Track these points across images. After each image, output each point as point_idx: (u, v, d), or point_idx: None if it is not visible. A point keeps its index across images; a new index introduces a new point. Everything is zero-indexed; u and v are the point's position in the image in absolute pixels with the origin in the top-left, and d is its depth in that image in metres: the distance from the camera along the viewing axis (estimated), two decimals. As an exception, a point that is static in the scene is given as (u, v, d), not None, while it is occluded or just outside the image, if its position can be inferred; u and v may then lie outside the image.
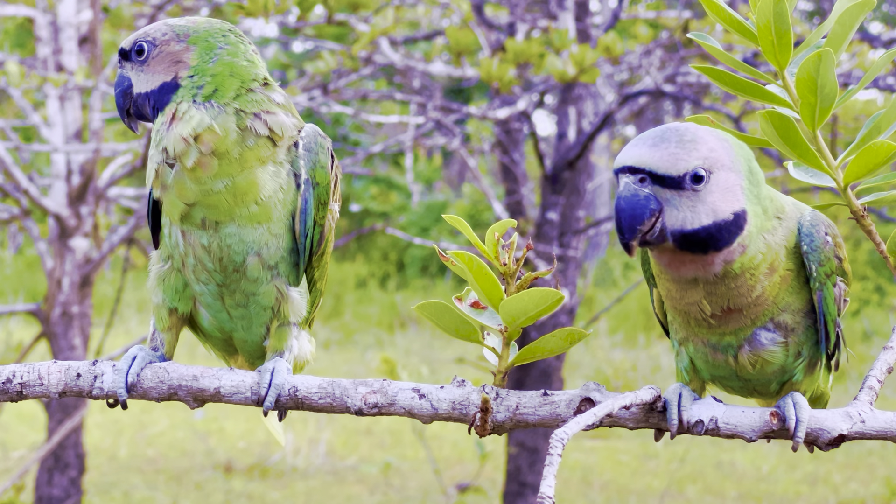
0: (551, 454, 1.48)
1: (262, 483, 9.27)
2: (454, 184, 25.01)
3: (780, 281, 1.64)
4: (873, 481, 9.50)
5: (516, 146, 8.14)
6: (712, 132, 1.60)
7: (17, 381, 1.79)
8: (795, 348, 1.70)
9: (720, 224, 1.57)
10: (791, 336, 1.69)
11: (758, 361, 1.71)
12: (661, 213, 1.57)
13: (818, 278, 1.65)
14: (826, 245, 1.65)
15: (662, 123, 8.63)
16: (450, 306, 1.75)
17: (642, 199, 1.56)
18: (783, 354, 1.70)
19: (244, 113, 1.81)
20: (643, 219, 1.57)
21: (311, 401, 1.79)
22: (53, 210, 6.27)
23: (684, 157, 1.56)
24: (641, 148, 1.57)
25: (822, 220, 1.68)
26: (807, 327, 1.69)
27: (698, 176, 1.56)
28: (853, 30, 1.61)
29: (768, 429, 1.68)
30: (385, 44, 6.51)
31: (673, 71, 6.77)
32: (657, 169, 1.56)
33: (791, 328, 1.68)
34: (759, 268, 1.62)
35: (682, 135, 1.57)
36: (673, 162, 1.56)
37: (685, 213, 1.57)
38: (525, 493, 7.05)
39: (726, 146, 1.59)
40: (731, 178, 1.58)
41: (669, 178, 1.55)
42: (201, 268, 1.85)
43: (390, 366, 5.51)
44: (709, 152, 1.57)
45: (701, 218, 1.57)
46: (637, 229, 1.57)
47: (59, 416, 6.47)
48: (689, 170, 1.56)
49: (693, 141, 1.57)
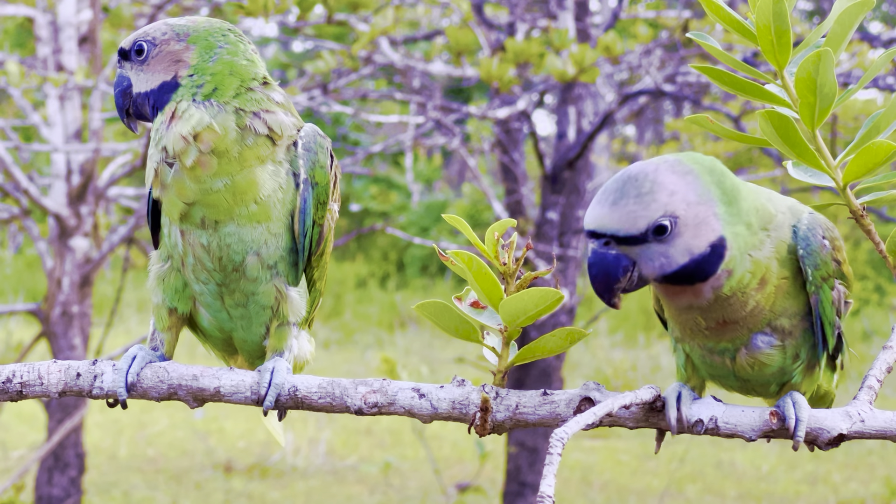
0: (551, 454, 1.48)
1: (262, 483, 9.27)
2: (454, 183, 25.01)
3: (774, 290, 1.64)
4: (873, 481, 9.50)
5: (516, 146, 8.13)
6: (674, 168, 1.57)
7: (17, 380, 1.79)
8: (793, 351, 1.70)
9: (698, 260, 1.57)
10: (788, 339, 1.69)
11: (755, 364, 1.71)
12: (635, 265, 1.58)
13: (814, 282, 1.64)
14: (823, 249, 1.64)
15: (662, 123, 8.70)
16: (449, 306, 1.75)
17: (611, 261, 1.57)
18: (780, 357, 1.70)
19: (244, 112, 1.81)
20: (617, 279, 1.58)
21: (310, 400, 1.79)
22: (53, 210, 6.27)
23: (643, 213, 1.54)
24: (602, 209, 1.56)
25: (820, 223, 1.66)
26: (804, 330, 1.69)
27: (661, 227, 1.55)
28: (852, 29, 1.61)
29: (768, 428, 1.68)
30: (385, 43, 6.51)
31: (673, 71, 6.77)
32: (618, 231, 1.55)
33: (788, 331, 1.68)
34: (749, 286, 1.62)
35: (639, 186, 1.55)
36: (632, 221, 1.54)
37: (659, 260, 1.57)
38: (525, 493, 7.05)
39: (690, 179, 1.56)
40: (700, 211, 1.56)
41: (632, 237, 1.55)
42: (201, 267, 1.85)
43: (390, 365, 5.50)
44: (669, 197, 1.55)
45: (677, 260, 1.57)
46: (613, 289, 1.58)
47: (59, 415, 6.47)
48: (649, 224, 1.54)
49: (651, 192, 1.55)
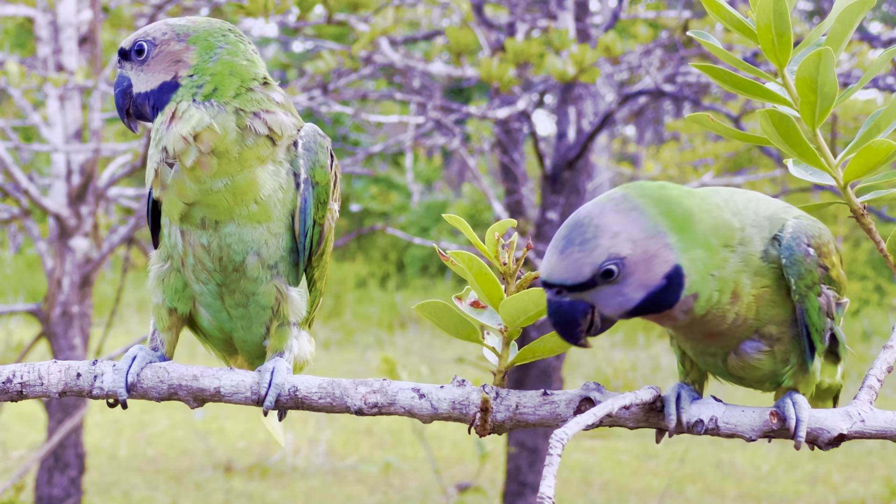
0: (551, 454, 1.48)
1: (262, 483, 9.27)
2: (454, 184, 25.02)
3: (754, 300, 1.63)
4: (873, 481, 9.51)
5: (516, 146, 8.14)
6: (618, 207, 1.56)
7: (17, 380, 1.79)
8: (782, 356, 1.69)
9: (655, 293, 1.57)
10: (777, 345, 1.68)
11: (745, 367, 1.70)
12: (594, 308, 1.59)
13: (798, 291, 1.63)
14: (806, 257, 1.62)
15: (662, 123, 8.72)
16: (450, 306, 1.75)
17: (567, 308, 1.58)
18: (770, 361, 1.69)
19: (244, 112, 1.81)
20: (578, 324, 1.59)
21: (311, 400, 1.78)
22: (53, 210, 6.27)
23: (587, 261, 1.55)
24: (552, 258, 1.57)
25: (805, 230, 1.64)
26: (793, 336, 1.68)
27: (608, 271, 1.55)
28: (853, 28, 1.61)
29: (768, 428, 1.68)
30: (385, 44, 6.51)
31: (673, 71, 6.77)
32: (566, 280, 1.56)
33: (776, 338, 1.67)
34: (720, 303, 1.61)
35: (583, 232, 1.55)
36: (578, 269, 1.55)
37: (616, 299, 1.57)
38: (525, 493, 7.05)
39: (635, 216, 1.56)
40: (650, 245, 1.56)
41: (580, 284, 1.56)
42: (201, 267, 1.85)
43: (390, 365, 5.50)
44: (612, 240, 1.55)
45: (633, 297, 1.57)
46: (576, 333, 1.60)
47: (59, 415, 6.47)
48: (594, 270, 1.55)
49: (594, 237, 1.55)
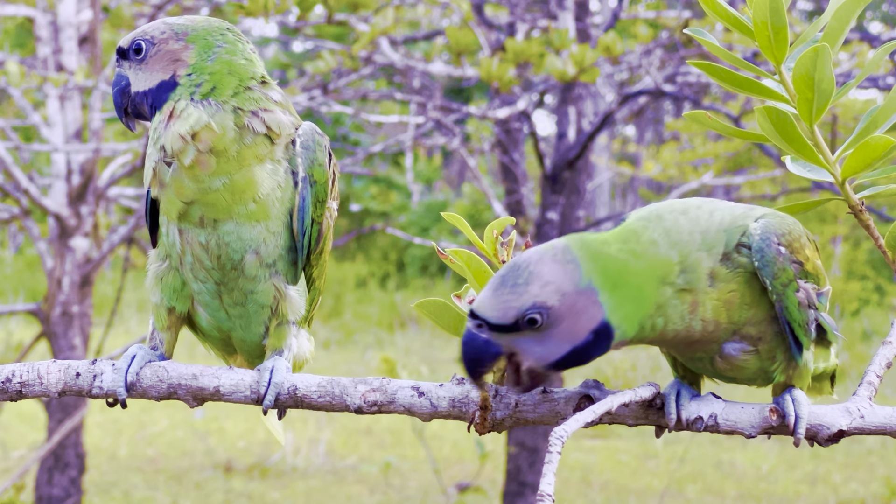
0: (551, 451, 1.48)
1: (262, 483, 9.27)
2: (454, 184, 25.03)
3: (722, 305, 1.61)
4: (873, 481, 9.51)
5: (516, 146, 8.14)
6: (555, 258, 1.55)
7: (16, 380, 1.79)
8: (768, 354, 1.69)
9: (580, 348, 1.56)
10: (760, 344, 1.67)
11: (733, 368, 1.70)
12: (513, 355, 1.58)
13: (775, 290, 1.62)
14: (778, 257, 1.61)
15: (662, 123, 8.73)
16: (449, 304, 1.75)
17: (480, 344, 1.57)
18: (756, 361, 1.69)
19: (242, 111, 1.81)
20: (484, 362, 1.58)
21: (310, 399, 1.78)
22: (53, 210, 6.27)
23: (513, 304, 1.54)
24: (485, 293, 1.56)
25: (773, 230, 1.63)
26: (776, 333, 1.67)
27: (532, 319, 1.54)
28: (849, 25, 1.61)
29: (767, 425, 1.68)
30: (385, 44, 6.51)
31: (673, 71, 6.77)
32: (490, 318, 1.55)
33: (758, 337, 1.67)
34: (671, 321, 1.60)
35: (517, 276, 1.54)
36: (503, 310, 1.54)
37: (537, 349, 1.56)
38: (525, 493, 7.05)
39: (570, 269, 1.54)
40: (580, 300, 1.54)
41: (503, 325, 1.55)
42: (199, 266, 1.85)
43: (390, 365, 5.51)
44: (541, 288, 1.53)
45: (556, 350, 1.56)
46: (478, 370, 1.59)
47: (59, 415, 6.47)
48: (518, 315, 1.54)
49: (525, 282, 1.54)
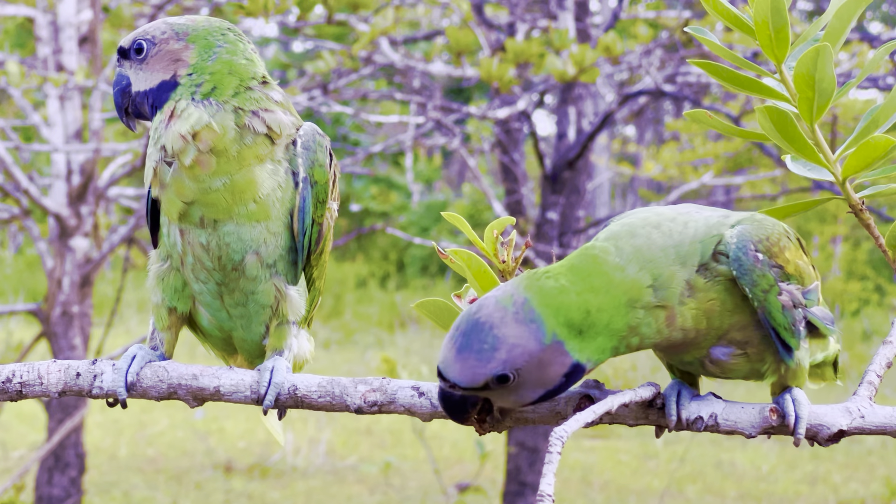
0: (551, 452, 1.47)
1: (262, 483, 9.27)
2: (454, 184, 25.03)
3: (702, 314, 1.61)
4: (873, 481, 9.51)
5: (516, 146, 8.14)
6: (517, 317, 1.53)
7: (16, 380, 1.79)
8: (757, 356, 1.68)
9: (553, 390, 1.57)
10: (748, 347, 1.66)
11: (723, 371, 1.70)
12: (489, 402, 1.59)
13: (756, 297, 1.61)
14: (756, 264, 1.60)
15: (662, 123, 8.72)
16: (449, 304, 1.74)
17: (457, 401, 1.58)
18: (746, 363, 1.68)
19: (242, 111, 1.81)
20: (465, 414, 1.60)
21: (310, 399, 1.78)
22: (53, 210, 6.27)
23: (481, 371, 1.53)
24: (448, 354, 1.55)
25: (750, 237, 1.61)
26: (763, 337, 1.66)
27: (503, 377, 1.53)
28: (850, 24, 1.61)
29: (767, 425, 1.68)
30: (385, 44, 6.51)
31: (673, 71, 6.77)
32: (459, 382, 1.55)
33: (745, 341, 1.66)
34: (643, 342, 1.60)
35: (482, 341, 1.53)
36: (472, 376, 1.53)
37: (511, 397, 1.57)
38: (525, 493, 7.05)
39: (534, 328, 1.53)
40: (546, 355, 1.54)
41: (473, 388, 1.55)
42: (200, 266, 1.85)
43: (390, 365, 5.51)
44: (508, 353, 1.52)
45: (529, 396, 1.57)
46: (465, 419, 1.61)
47: (60, 415, 6.47)
48: (487, 378, 1.53)
49: (492, 348, 1.52)
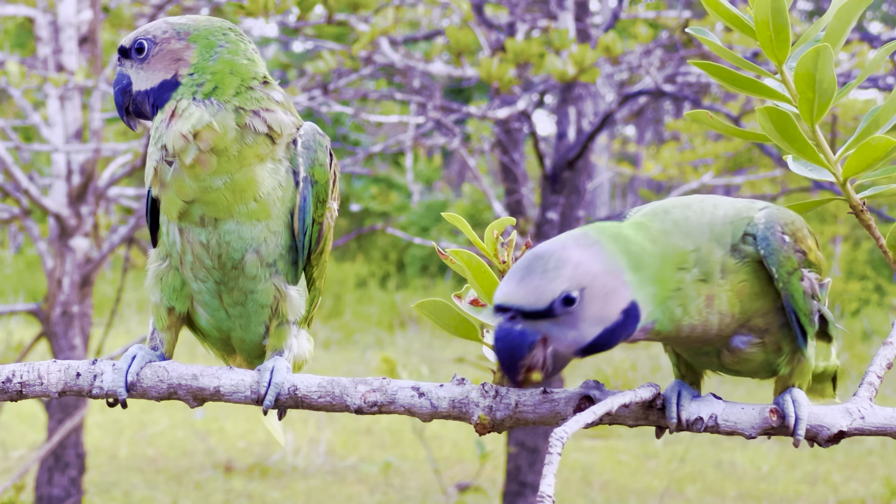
0: (551, 453, 1.48)
1: (262, 483, 9.27)
2: (454, 184, 25.03)
3: (735, 296, 1.63)
4: (873, 481, 9.51)
5: (516, 146, 8.14)
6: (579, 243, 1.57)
7: (16, 380, 1.79)
8: (774, 346, 1.70)
9: (612, 329, 1.57)
10: (766, 336, 1.69)
11: (739, 361, 1.71)
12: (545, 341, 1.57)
13: (781, 279, 1.64)
14: (783, 245, 1.63)
15: (662, 123, 8.73)
16: (449, 304, 1.74)
17: (516, 336, 1.56)
18: (762, 353, 1.70)
19: (243, 110, 1.81)
20: (522, 355, 1.56)
21: (310, 399, 1.78)
22: (53, 210, 6.27)
23: (548, 287, 1.54)
24: (509, 285, 1.56)
25: (777, 219, 1.65)
26: (781, 325, 1.69)
27: (568, 299, 1.54)
28: (851, 25, 1.61)
29: (768, 426, 1.68)
30: (385, 44, 6.51)
31: (673, 71, 6.77)
32: (524, 306, 1.55)
33: (765, 329, 1.68)
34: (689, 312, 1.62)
35: (545, 263, 1.55)
36: (538, 295, 1.54)
37: (571, 334, 1.57)
38: (525, 493, 7.05)
39: (596, 250, 1.57)
40: (608, 281, 1.56)
41: (537, 311, 1.55)
42: (199, 265, 1.85)
43: (390, 365, 5.51)
44: (574, 270, 1.55)
45: (589, 332, 1.57)
46: (518, 366, 1.57)
47: (60, 415, 6.47)
48: (555, 298, 1.54)
49: (556, 267, 1.55)
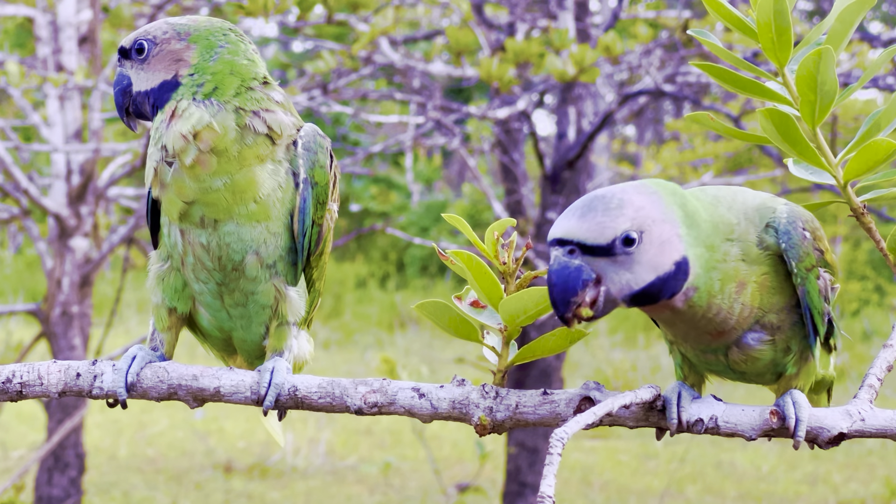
0: (551, 453, 1.47)
1: (262, 483, 9.27)
2: (454, 184, 25.02)
3: (758, 287, 1.65)
4: (873, 481, 9.50)
5: (516, 146, 8.13)
6: (639, 189, 1.59)
7: (16, 380, 1.79)
8: (783, 344, 1.71)
9: (664, 278, 1.58)
10: (778, 334, 1.70)
11: (747, 359, 1.72)
12: (599, 282, 1.57)
13: (799, 274, 1.65)
14: (804, 240, 1.65)
15: (662, 123, 8.73)
16: (449, 305, 1.74)
17: (573, 271, 1.56)
18: (772, 351, 1.71)
19: (243, 111, 1.81)
20: (576, 290, 1.56)
21: (310, 400, 1.78)
22: (53, 210, 6.27)
23: (611, 224, 1.55)
24: (570, 220, 1.57)
25: (799, 215, 1.67)
26: (793, 323, 1.70)
27: (629, 239, 1.55)
28: (853, 27, 1.61)
29: (768, 427, 1.68)
30: (385, 43, 6.51)
31: (673, 71, 6.77)
32: (585, 240, 1.55)
33: (777, 326, 1.69)
34: (724, 291, 1.63)
35: (608, 202, 1.57)
36: (600, 230, 1.55)
37: (625, 276, 1.57)
38: (525, 493, 7.05)
39: (655, 199, 1.59)
40: (665, 229, 1.58)
41: (598, 246, 1.55)
42: (200, 266, 1.85)
43: (390, 366, 5.50)
44: (636, 212, 1.56)
45: (643, 277, 1.57)
46: (570, 301, 1.56)
47: (59, 415, 6.47)
48: (616, 235, 1.55)
49: (619, 207, 1.56)
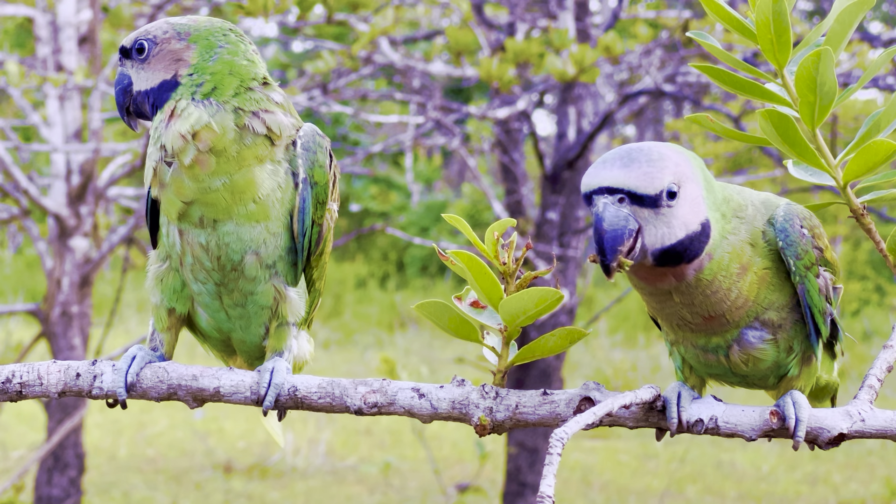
0: (551, 453, 1.48)
1: (261, 483, 9.27)
2: (454, 184, 25.01)
3: (757, 280, 1.65)
4: (873, 481, 9.50)
5: (516, 146, 8.13)
6: (671, 147, 1.61)
7: (16, 380, 1.79)
8: (786, 344, 1.70)
9: (692, 236, 1.59)
10: (779, 333, 1.69)
11: (749, 360, 1.71)
12: (639, 232, 1.58)
13: (798, 271, 1.65)
14: (802, 238, 1.65)
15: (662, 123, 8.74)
16: (449, 305, 1.74)
17: (623, 220, 1.57)
18: (774, 351, 1.70)
19: (242, 111, 1.81)
20: (623, 239, 1.57)
21: (310, 400, 1.79)
22: (53, 210, 6.27)
23: (658, 175, 1.57)
24: (614, 169, 1.57)
25: (797, 213, 1.68)
26: (795, 322, 1.70)
27: (672, 192, 1.57)
28: (852, 28, 1.61)
29: (768, 428, 1.68)
30: (385, 43, 6.51)
31: (673, 71, 6.77)
32: (636, 189, 1.56)
33: (778, 325, 1.69)
34: (729, 269, 1.63)
35: (649, 154, 1.58)
36: (649, 181, 1.56)
37: (662, 229, 1.58)
38: (525, 493, 7.05)
39: (685, 158, 1.61)
40: (694, 189, 1.60)
41: (648, 196, 1.56)
42: (199, 267, 1.85)
43: (390, 366, 5.50)
44: (676, 167, 1.58)
45: (676, 232, 1.58)
46: (618, 250, 1.57)
47: (59, 416, 6.47)
48: (664, 187, 1.57)
49: (661, 159, 1.58)
